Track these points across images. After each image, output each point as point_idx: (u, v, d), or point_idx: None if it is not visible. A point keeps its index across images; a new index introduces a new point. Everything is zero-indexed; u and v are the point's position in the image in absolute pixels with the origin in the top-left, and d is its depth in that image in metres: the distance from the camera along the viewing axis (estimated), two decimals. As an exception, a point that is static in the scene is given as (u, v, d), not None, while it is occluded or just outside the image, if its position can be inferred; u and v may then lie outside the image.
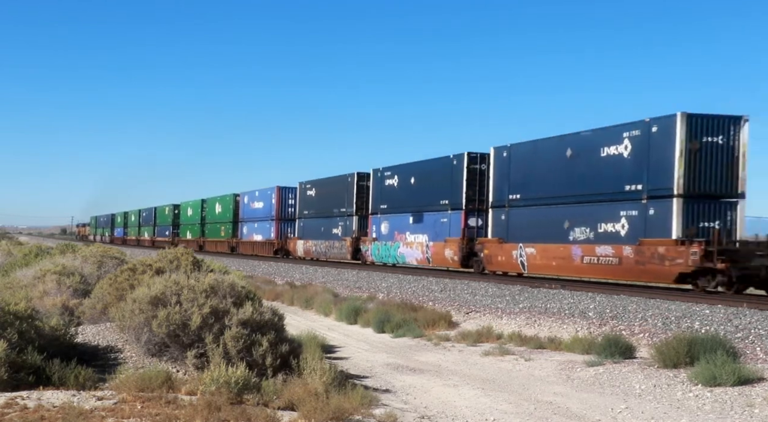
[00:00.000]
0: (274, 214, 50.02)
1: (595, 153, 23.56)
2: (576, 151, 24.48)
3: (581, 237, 23.96)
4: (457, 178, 30.27)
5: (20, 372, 8.51)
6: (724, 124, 21.19)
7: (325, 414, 7.72)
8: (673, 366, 10.99)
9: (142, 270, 12.86)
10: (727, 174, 21.10)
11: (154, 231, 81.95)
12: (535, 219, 26.15)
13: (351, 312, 18.65)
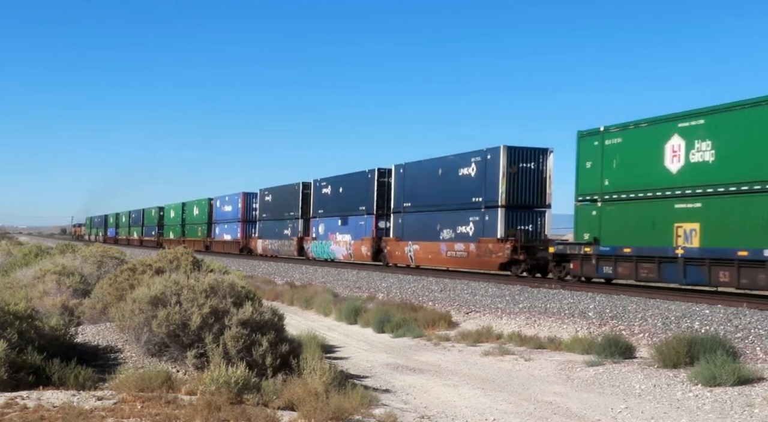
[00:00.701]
0: (240, 217, 57.11)
1: (455, 172, 30.97)
2: (444, 170, 31.90)
3: (447, 237, 31.54)
4: (370, 189, 37.64)
5: (20, 372, 8.50)
6: (535, 154, 28.35)
7: (325, 414, 7.72)
8: (673, 366, 10.99)
9: (142, 270, 12.86)
10: (537, 190, 28.38)
11: (142, 231, 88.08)
12: (419, 222, 33.66)
13: (351, 312, 18.65)
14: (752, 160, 18.45)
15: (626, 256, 21.69)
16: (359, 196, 38.78)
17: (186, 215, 71.40)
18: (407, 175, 34.75)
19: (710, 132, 19.75)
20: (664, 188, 20.97)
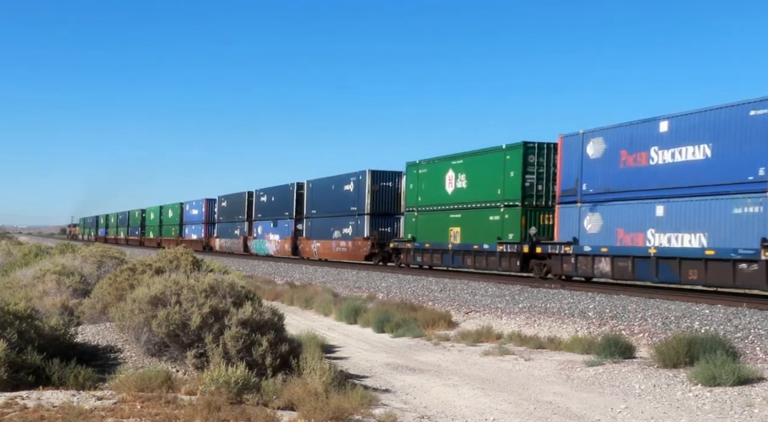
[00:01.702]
0: (203, 219, 66.39)
1: (341, 188, 40.95)
2: (335, 186, 41.66)
3: (336, 236, 41.23)
4: (291, 198, 47.79)
5: (20, 372, 8.50)
6: (392, 176, 38.03)
7: (324, 413, 7.72)
8: (672, 366, 10.99)
9: (142, 270, 12.86)
10: (393, 202, 37.81)
11: (127, 231, 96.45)
12: (320, 225, 43.73)
13: (351, 312, 18.65)
14: (485, 188, 28.52)
15: (426, 249, 32.45)
16: (284, 204, 48.97)
17: (163, 217, 79.48)
18: (313, 188, 45.20)
19: (466, 169, 30.05)
20: (445, 204, 31.15)
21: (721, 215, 19.03)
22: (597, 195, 23.24)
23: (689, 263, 19.65)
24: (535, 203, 26.50)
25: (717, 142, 19.25)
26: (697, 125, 19.90)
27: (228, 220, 60.29)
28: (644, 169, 21.43)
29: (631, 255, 21.52)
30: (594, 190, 23.34)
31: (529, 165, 26.50)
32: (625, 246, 21.86)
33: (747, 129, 18.43)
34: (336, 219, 40.90)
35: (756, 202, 18.15)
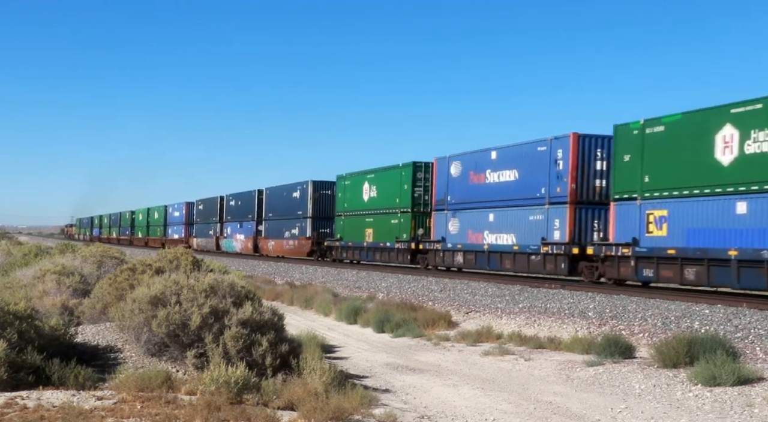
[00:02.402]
0: (184, 220, 73.20)
1: (291, 195, 47.46)
2: (286, 193, 48.36)
3: (287, 236, 47.89)
4: (254, 203, 54.64)
5: (20, 372, 8.50)
6: (330, 185, 44.02)
7: (324, 414, 7.72)
8: (672, 366, 10.99)
9: (142, 270, 12.86)
10: (331, 207, 43.29)
11: (119, 231, 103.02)
12: (275, 226, 50.58)
13: (351, 312, 18.65)
14: (388, 198, 35.75)
15: (350, 246, 39.46)
16: (248, 208, 55.83)
17: (150, 218, 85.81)
18: (270, 195, 52.21)
19: (377, 182, 37.28)
20: (362, 210, 38.49)
21: (523, 221, 26.31)
22: (457, 204, 30.50)
23: (506, 255, 27.15)
24: (422, 210, 33.68)
25: (521, 169, 26.61)
26: (512, 155, 27.13)
27: (204, 222, 67.45)
28: (483, 185, 28.76)
29: (475, 250, 28.90)
30: (455, 201, 30.54)
31: (417, 180, 33.84)
32: (472, 243, 29.19)
33: (536, 160, 25.74)
34: (287, 221, 48.14)
35: (540, 211, 25.52)
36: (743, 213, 18.53)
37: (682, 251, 19.90)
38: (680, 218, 20.37)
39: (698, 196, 19.83)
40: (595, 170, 24.23)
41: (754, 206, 18.19)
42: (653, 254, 20.87)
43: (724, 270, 18.76)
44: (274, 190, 51.43)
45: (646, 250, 21.13)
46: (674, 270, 20.13)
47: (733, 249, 18.41)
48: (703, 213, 19.72)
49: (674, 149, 20.55)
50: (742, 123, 18.63)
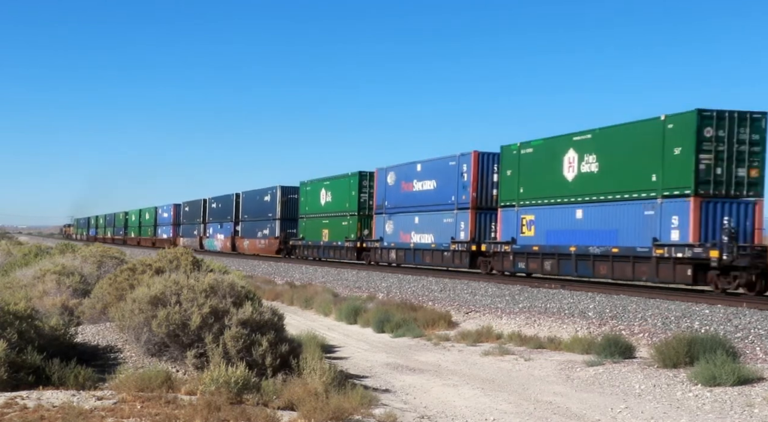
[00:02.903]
0: (172, 221, 78.54)
1: (263, 199, 52.97)
2: (259, 197, 53.74)
3: (259, 236, 53.37)
4: (232, 206, 60.23)
5: (20, 372, 8.50)
6: (296, 190, 48.93)
7: (324, 413, 7.72)
8: (672, 366, 10.99)
9: (142, 270, 12.86)
10: (296, 210, 48.36)
11: (113, 231, 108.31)
12: (250, 227, 56.14)
13: (351, 312, 18.64)
14: (340, 202, 41.26)
15: (310, 245, 45.43)
16: (227, 210, 61.36)
17: (141, 219, 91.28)
18: (246, 198, 57.61)
19: (332, 189, 42.58)
20: (319, 213, 44.10)
21: (439, 223, 31.46)
22: (392, 209, 36.00)
23: (426, 252, 32.77)
24: (366, 213, 38.99)
25: (438, 180, 31.88)
26: (431, 168, 32.56)
27: (189, 222, 73.15)
28: (411, 193, 34.17)
29: (404, 248, 34.66)
30: (390, 206, 36.10)
31: (363, 187, 39.24)
32: (403, 242, 34.86)
33: (448, 173, 30.98)
34: (259, 222, 53.86)
35: (450, 215, 30.73)
36: (580, 219, 24.25)
37: (542, 248, 25.50)
38: (542, 222, 25.90)
39: (553, 204, 25.46)
40: (492, 181, 29.36)
41: (587, 213, 23.97)
42: (524, 250, 26.44)
43: (567, 262, 24.34)
44: (249, 193, 56.90)
45: (520, 247, 26.67)
46: (537, 263, 25.68)
47: (573, 246, 24.12)
48: (556, 218, 25.25)
49: (538, 167, 26.04)
50: (580, 148, 24.31)
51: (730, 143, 20.58)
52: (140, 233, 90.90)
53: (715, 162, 20.51)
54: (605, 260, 22.92)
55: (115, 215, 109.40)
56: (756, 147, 20.79)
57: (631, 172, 22.23)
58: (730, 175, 20.65)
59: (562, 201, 24.98)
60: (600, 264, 23.18)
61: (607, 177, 23.11)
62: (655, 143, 21.46)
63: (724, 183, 20.60)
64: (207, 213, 67.26)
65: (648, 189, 21.73)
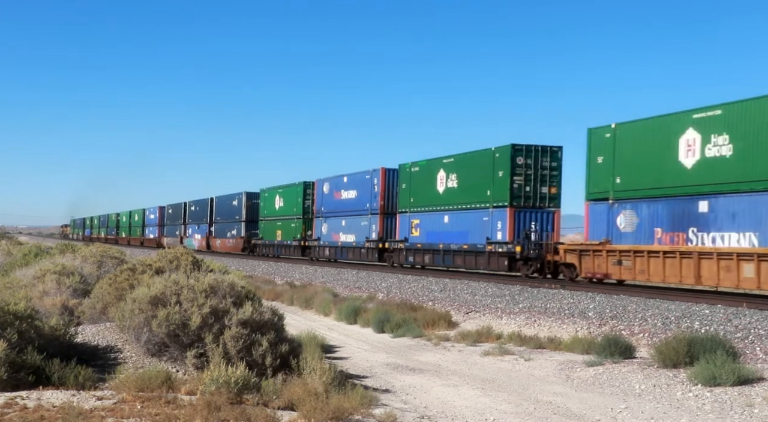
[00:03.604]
0: (158, 222, 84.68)
1: (231, 203, 59.80)
2: (229, 201, 60.57)
3: (228, 236, 59.99)
4: (207, 208, 66.35)
5: (20, 372, 8.50)
6: (258, 195, 55.06)
7: (324, 413, 7.72)
8: (672, 366, 10.99)
9: (142, 270, 12.85)
10: (258, 213, 54.40)
11: (106, 231, 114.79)
12: (221, 228, 62.78)
13: (351, 312, 18.64)
14: (290, 207, 47.91)
15: (267, 244, 51.96)
16: (203, 212, 67.90)
17: (131, 220, 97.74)
18: (218, 201, 64.12)
19: (284, 195, 49.57)
20: (274, 216, 50.70)
21: (358, 225, 38.60)
22: (326, 213, 43.02)
23: (349, 249, 39.70)
24: (310, 217, 45.71)
25: (358, 190, 39.03)
26: (354, 180, 39.56)
27: (172, 223, 79.55)
28: (340, 200, 41.22)
29: (335, 246, 41.63)
30: (326, 210, 43.03)
31: (307, 195, 46.07)
32: (333, 241, 41.83)
33: (365, 184, 38.19)
34: (228, 224, 60.91)
35: (366, 219, 37.90)
36: (447, 223, 31.11)
37: (424, 245, 32.68)
38: (425, 225, 32.91)
39: (431, 211, 32.38)
40: (395, 192, 36.23)
41: (450, 218, 30.90)
42: (413, 247, 33.62)
43: (438, 256, 31.37)
44: (220, 198, 64.18)
45: (410, 245, 33.87)
46: (421, 256, 33.08)
47: (441, 244, 31.10)
48: (432, 222, 32.14)
49: (422, 182, 33.13)
50: (447, 169, 31.26)
51: (536, 169, 27.58)
52: (130, 233, 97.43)
53: (525, 182, 27.43)
54: (460, 254, 30.04)
55: (108, 216, 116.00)
56: (554, 171, 27.88)
57: (476, 188, 29.19)
58: (535, 191, 27.56)
59: (436, 209, 32.15)
60: (457, 257, 30.23)
61: (462, 191, 30.22)
62: (489, 168, 28.38)
63: (532, 197, 27.50)
64: (187, 215, 73.75)
65: (485, 201, 28.57)
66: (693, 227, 20.09)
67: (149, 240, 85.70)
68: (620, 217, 22.42)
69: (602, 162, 23.11)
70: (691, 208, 20.10)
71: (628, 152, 22.23)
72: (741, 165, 18.74)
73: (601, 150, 23.24)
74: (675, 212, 20.61)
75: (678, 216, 20.51)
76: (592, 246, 23.03)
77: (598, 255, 22.74)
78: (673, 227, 20.63)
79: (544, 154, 27.73)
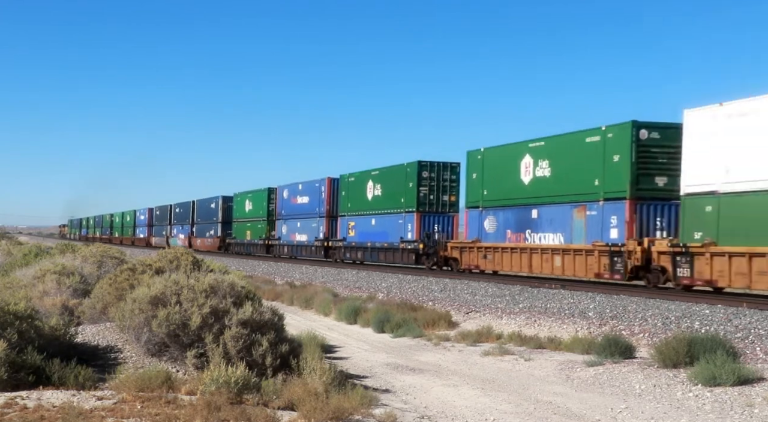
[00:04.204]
0: (147, 222, 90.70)
1: (210, 205, 66.13)
2: (207, 204, 66.81)
3: (207, 235, 66.14)
4: (189, 211, 72.72)
5: (20, 372, 8.49)
6: (232, 198, 61.75)
7: (324, 414, 7.72)
8: (673, 366, 10.99)
9: (142, 270, 12.85)
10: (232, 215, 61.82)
11: (101, 231, 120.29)
12: (202, 229, 68.62)
13: (351, 311, 18.64)
14: (257, 210, 54.83)
15: (238, 243, 58.24)
16: (187, 214, 74.00)
17: (123, 220, 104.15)
18: (199, 204, 70.37)
19: (251, 199, 56.15)
20: (244, 218, 57.33)
21: (310, 226, 45.12)
22: (285, 216, 49.80)
23: (303, 247, 46.50)
24: (273, 219, 52.40)
25: (309, 196, 45.65)
26: (306, 188, 46.40)
27: (159, 224, 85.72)
28: (296, 204, 47.76)
29: (291, 245, 48.62)
30: (285, 213, 49.88)
31: (271, 199, 52.83)
32: (291, 240, 48.59)
33: (315, 192, 44.86)
34: (207, 225, 67.37)
35: (316, 221, 44.32)
36: (374, 225, 37.67)
37: (357, 243, 39.32)
38: (358, 226, 39.54)
39: (362, 215, 39.04)
40: (338, 198, 42.22)
41: (376, 221, 37.42)
42: (349, 245, 40.33)
43: (368, 253, 38.08)
44: (201, 201, 70.31)
45: (348, 243, 40.52)
46: (355, 253, 39.73)
47: (369, 242, 37.78)
48: (364, 224, 38.71)
49: (356, 190, 39.92)
50: (374, 180, 38.25)
51: (438, 181, 33.95)
52: (122, 233, 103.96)
53: (429, 192, 33.83)
54: (383, 251, 36.53)
55: (102, 217, 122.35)
56: (453, 183, 34.12)
57: (394, 196, 35.78)
58: (438, 199, 33.93)
59: (366, 213, 38.73)
60: (381, 253, 36.89)
61: (384, 199, 36.88)
62: (402, 180, 34.94)
63: (435, 204, 33.92)
64: (172, 217, 80.00)
65: (400, 207, 35.19)
66: (528, 229, 26.39)
67: (139, 239, 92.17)
68: (486, 221, 28.93)
69: (475, 178, 29.59)
70: (528, 215, 26.39)
71: (491, 171, 28.69)
72: (556, 183, 25.05)
73: (475, 168, 29.59)
74: (518, 218, 26.90)
75: (520, 220, 26.79)
76: (467, 244, 29.81)
77: (471, 251, 29.46)
78: (517, 229, 26.95)
79: (445, 168, 34.19)
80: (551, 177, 25.22)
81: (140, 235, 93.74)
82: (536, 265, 25.33)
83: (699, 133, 19.62)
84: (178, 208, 78.03)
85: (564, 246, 24.15)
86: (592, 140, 23.58)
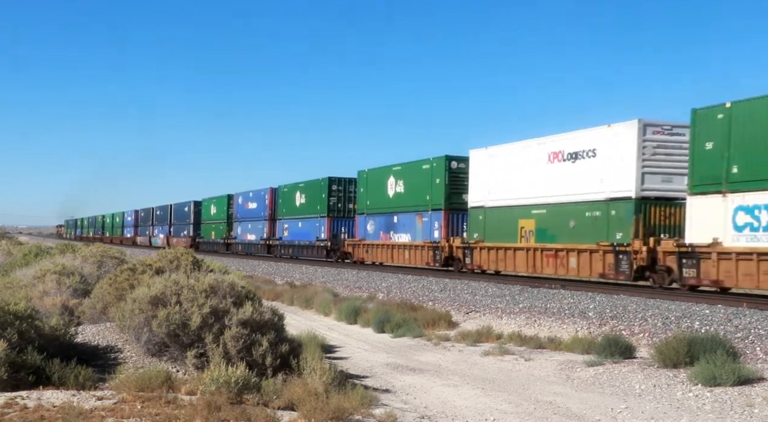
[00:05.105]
0: (133, 223, 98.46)
1: (184, 209, 75.18)
2: (182, 208, 75.41)
3: (182, 235, 73.26)
4: (168, 214, 79.92)
5: (20, 372, 8.49)
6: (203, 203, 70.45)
7: (325, 413, 7.72)
8: (673, 366, 10.99)
9: (142, 270, 12.85)
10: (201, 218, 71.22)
11: (94, 231, 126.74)
12: (178, 229, 76.42)
13: (351, 311, 18.64)
14: (220, 213, 64.32)
15: (205, 242, 67.10)
16: (165, 216, 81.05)
17: (113, 221, 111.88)
18: (176, 207, 77.83)
19: (216, 204, 65.90)
20: (210, 220, 66.79)
21: (258, 228, 53.68)
22: (240, 218, 58.51)
23: (252, 245, 55.37)
24: (232, 221, 60.95)
25: (257, 203, 54.48)
26: (255, 195, 55.17)
27: (143, 225, 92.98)
28: (248, 209, 56.45)
29: (244, 243, 57.39)
30: (240, 216, 58.66)
31: (230, 204, 61.15)
32: (244, 239, 57.28)
33: (261, 199, 53.85)
34: (182, 226, 74.84)
35: (262, 223, 53.19)
36: (300, 226, 46.10)
37: (289, 242, 47.79)
38: (290, 228, 48.05)
39: (293, 218, 47.42)
40: (277, 204, 50.89)
41: (302, 223, 45.72)
42: (284, 243, 48.93)
43: (296, 249, 46.68)
44: (177, 205, 78.08)
45: (282, 242, 49.16)
46: (287, 250, 48.07)
47: (297, 241, 46.75)
48: (294, 226, 47.17)
49: (289, 198, 48.46)
50: (301, 191, 46.62)
51: (345, 192, 42.22)
52: (112, 233, 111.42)
53: (338, 201, 42.27)
54: (305, 248, 45.09)
55: (95, 217, 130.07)
56: (355, 194, 40.73)
57: (313, 204, 44.27)
58: (344, 207, 42.14)
59: (295, 217, 47.19)
60: (304, 249, 45.34)
61: (307, 206, 45.35)
62: (318, 192, 43.45)
63: (342, 210, 42.18)
64: (154, 218, 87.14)
65: (317, 213, 43.58)
66: (392, 230, 35.34)
67: (126, 239, 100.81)
68: (368, 225, 37.86)
69: (363, 191, 38.67)
70: (392, 220, 35.31)
71: (371, 187, 37.43)
72: (407, 197, 33.95)
73: (362, 184, 39.00)
74: (386, 222, 35.73)
75: (387, 224, 35.63)
76: (357, 241, 38.96)
77: (359, 247, 38.65)
78: (386, 230, 35.75)
79: (350, 183, 42.09)
80: (404, 193, 34.59)
81: (127, 235, 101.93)
82: (396, 257, 34.69)
83: (476, 166, 28.92)
84: (159, 211, 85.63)
85: (410, 243, 33.68)
86: (426, 167, 32.48)
